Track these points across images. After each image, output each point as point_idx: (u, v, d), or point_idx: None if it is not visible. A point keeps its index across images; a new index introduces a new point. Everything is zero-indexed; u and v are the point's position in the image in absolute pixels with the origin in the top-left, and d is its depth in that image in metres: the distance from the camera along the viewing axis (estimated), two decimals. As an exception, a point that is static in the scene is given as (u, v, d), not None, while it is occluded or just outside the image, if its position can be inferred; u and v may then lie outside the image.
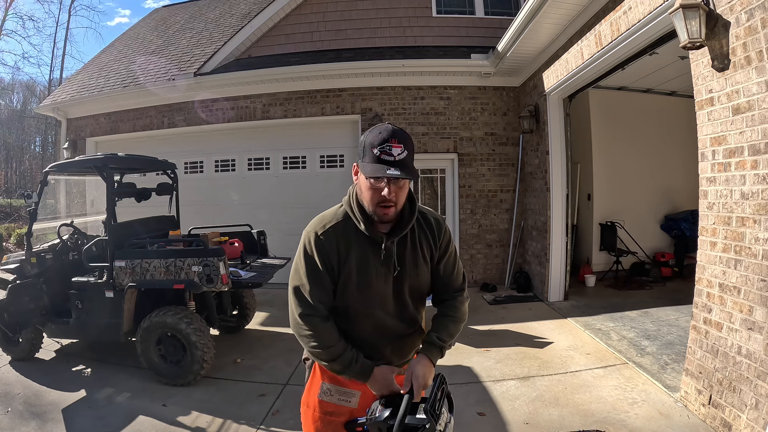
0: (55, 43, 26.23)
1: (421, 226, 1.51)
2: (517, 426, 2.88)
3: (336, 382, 1.52)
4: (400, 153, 1.33)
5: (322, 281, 1.43)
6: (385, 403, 1.39)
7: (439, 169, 6.90)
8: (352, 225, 1.44)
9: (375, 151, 1.33)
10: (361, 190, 1.42)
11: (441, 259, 1.55)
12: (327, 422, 1.51)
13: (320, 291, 1.43)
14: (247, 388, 3.52)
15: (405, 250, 1.48)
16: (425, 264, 1.52)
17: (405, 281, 1.49)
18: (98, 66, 9.15)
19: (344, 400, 1.51)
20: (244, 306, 4.78)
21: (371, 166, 1.33)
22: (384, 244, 1.43)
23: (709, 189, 2.80)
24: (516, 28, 5.06)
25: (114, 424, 3.00)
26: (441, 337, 1.50)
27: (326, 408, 1.52)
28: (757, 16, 2.31)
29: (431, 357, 1.47)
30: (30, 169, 25.50)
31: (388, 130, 1.35)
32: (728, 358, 2.61)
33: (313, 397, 1.55)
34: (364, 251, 1.44)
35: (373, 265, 1.45)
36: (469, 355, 4.03)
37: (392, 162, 1.32)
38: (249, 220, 5.10)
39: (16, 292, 3.90)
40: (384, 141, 1.33)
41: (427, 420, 1.30)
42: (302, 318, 1.43)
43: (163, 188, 4.59)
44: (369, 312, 1.48)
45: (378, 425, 1.35)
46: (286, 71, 6.64)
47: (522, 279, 6.32)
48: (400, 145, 1.33)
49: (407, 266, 1.48)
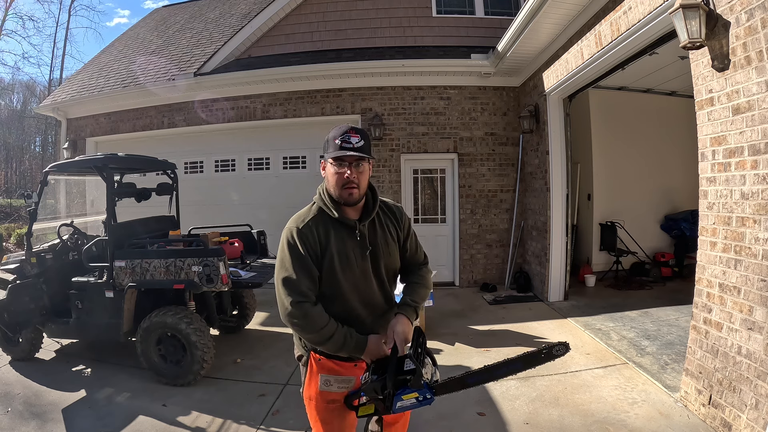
0: (55, 43, 26.28)
1: (385, 213, 1.75)
2: (517, 426, 2.88)
3: (333, 372, 1.64)
4: (357, 141, 1.56)
5: (308, 269, 1.58)
6: (374, 369, 1.54)
7: (439, 169, 6.90)
8: (327, 216, 1.63)
9: (337, 141, 1.55)
10: (328, 180, 1.62)
11: (406, 240, 1.79)
12: (331, 410, 1.66)
13: (307, 279, 1.57)
14: (247, 388, 3.52)
15: (375, 232, 1.70)
16: (394, 243, 1.75)
17: (380, 259, 1.70)
18: (98, 66, 9.15)
19: (343, 387, 1.64)
20: (244, 306, 4.78)
21: (335, 154, 1.55)
22: (357, 227, 1.63)
23: (709, 189, 2.80)
24: (516, 28, 5.06)
25: (114, 424, 3.00)
26: (414, 299, 1.73)
27: (328, 397, 1.65)
28: (757, 16, 2.31)
29: (408, 315, 1.66)
30: (30, 169, 25.51)
31: (347, 126, 1.60)
32: (728, 358, 2.61)
33: (314, 389, 1.67)
34: (341, 236, 1.62)
35: (351, 247, 1.63)
36: (469, 355, 4.03)
37: (351, 148, 1.54)
38: (249, 220, 5.11)
39: (16, 292, 3.90)
40: (344, 132, 1.56)
41: (414, 368, 1.48)
42: (293, 306, 1.53)
43: (163, 188, 4.59)
44: (354, 288, 1.65)
45: (373, 387, 1.50)
46: (286, 71, 6.64)
47: (522, 279, 6.32)
48: (357, 135, 1.56)
49: (380, 245, 1.69)
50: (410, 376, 1.48)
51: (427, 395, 1.52)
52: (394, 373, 1.49)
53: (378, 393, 1.50)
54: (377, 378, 1.51)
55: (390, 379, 1.48)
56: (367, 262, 1.66)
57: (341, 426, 1.68)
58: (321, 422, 1.68)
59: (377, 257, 1.69)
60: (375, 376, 1.52)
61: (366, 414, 1.58)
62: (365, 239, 1.66)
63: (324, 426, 1.68)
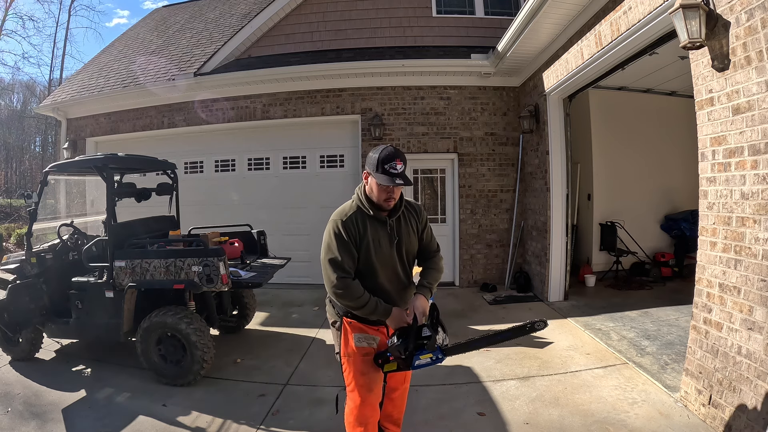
0: (55, 43, 26.35)
1: (408, 210, 2.24)
2: (517, 426, 2.88)
3: (362, 331, 2.15)
4: (401, 168, 2.01)
5: (350, 251, 2.05)
6: (398, 335, 2.03)
7: (439, 169, 6.90)
8: (363, 212, 2.10)
9: (386, 166, 1.99)
10: (371, 189, 2.08)
11: (423, 231, 2.28)
12: (367, 361, 2.14)
13: (349, 259, 2.05)
14: (247, 388, 3.52)
15: (401, 226, 2.19)
16: (414, 235, 2.25)
17: (403, 246, 2.19)
18: (98, 66, 9.15)
19: (371, 343, 2.15)
20: (244, 306, 4.77)
21: (384, 176, 1.98)
22: (387, 222, 2.13)
23: (709, 189, 2.80)
24: (516, 28, 5.06)
25: (114, 424, 3.00)
26: (429, 282, 2.24)
27: (363, 351, 2.15)
28: (757, 16, 2.31)
29: (425, 294, 2.17)
30: (30, 169, 25.50)
31: (392, 152, 2.01)
32: (728, 358, 2.61)
33: (351, 347, 2.16)
34: (375, 228, 2.11)
35: (382, 236, 2.13)
36: (469, 355, 4.00)
37: (396, 174, 1.99)
38: (249, 220, 5.10)
39: (16, 292, 3.90)
40: (391, 159, 1.99)
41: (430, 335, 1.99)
42: (338, 280, 2.02)
43: (163, 188, 4.59)
44: (384, 266, 2.15)
45: (398, 348, 2.00)
46: (286, 71, 6.64)
47: (522, 279, 6.32)
48: (401, 162, 2.01)
49: (403, 236, 2.19)
50: (426, 341, 1.96)
51: (439, 356, 2.03)
52: (413, 337, 1.95)
53: (401, 353, 1.97)
54: (401, 342, 1.98)
55: (411, 342, 1.94)
56: (394, 248, 2.15)
57: (375, 377, 2.15)
58: (360, 373, 2.14)
59: (401, 245, 2.17)
60: (399, 341, 1.99)
61: (390, 370, 2.07)
62: (393, 231, 2.14)
63: (362, 377, 2.13)
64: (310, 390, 3.46)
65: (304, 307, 5.69)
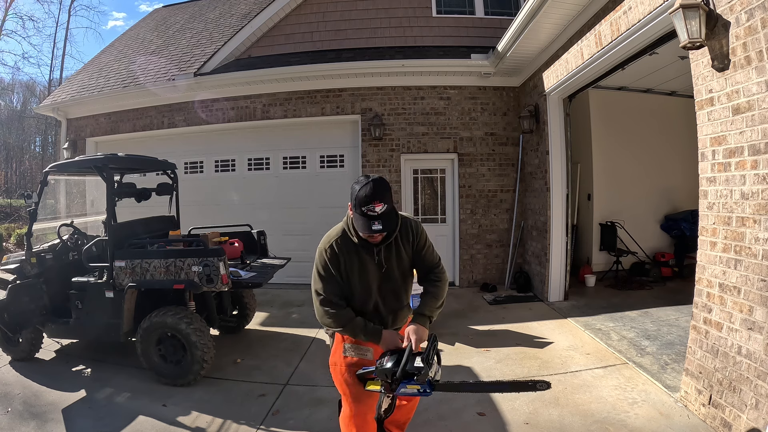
0: (55, 43, 26.38)
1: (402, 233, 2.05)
2: (517, 426, 2.88)
3: (354, 343, 2.07)
4: (381, 209, 1.81)
5: (334, 281, 2.01)
6: (390, 356, 1.87)
7: (439, 169, 6.90)
8: (349, 240, 1.99)
9: (363, 209, 1.82)
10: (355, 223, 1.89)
11: (421, 250, 2.12)
12: (352, 372, 2.06)
13: (333, 287, 2.00)
14: (247, 388, 3.52)
15: (391, 252, 2.05)
16: (408, 257, 2.10)
17: (393, 271, 2.08)
18: (98, 66, 9.15)
19: (362, 354, 2.06)
20: (244, 306, 4.78)
21: (361, 219, 1.83)
22: (375, 251, 2.00)
23: (709, 189, 2.80)
24: (516, 28, 5.06)
25: (114, 424, 3.00)
26: (429, 312, 2.05)
27: (349, 361, 2.07)
28: (757, 16, 2.31)
29: (423, 324, 1.99)
30: (30, 169, 25.49)
31: (370, 193, 1.80)
32: (728, 358, 2.60)
33: (338, 355, 2.10)
34: (361, 257, 2.01)
35: (369, 262, 2.02)
36: (469, 355, 4.03)
37: (375, 216, 1.82)
38: (249, 220, 5.10)
39: (16, 292, 3.90)
40: (368, 201, 1.80)
41: (423, 367, 1.77)
42: (323, 310, 1.99)
43: (163, 188, 4.59)
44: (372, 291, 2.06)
45: (385, 372, 1.82)
46: (286, 71, 6.64)
47: (522, 279, 6.32)
48: (381, 203, 1.81)
49: (393, 261, 2.06)
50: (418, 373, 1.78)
51: (427, 389, 1.82)
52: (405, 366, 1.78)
53: (388, 377, 1.81)
54: (391, 366, 1.82)
55: (401, 371, 1.78)
56: (382, 273, 2.05)
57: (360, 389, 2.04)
58: (346, 384, 2.07)
59: (391, 270, 2.06)
60: (390, 364, 1.83)
61: (372, 388, 1.95)
62: (381, 260, 2.03)
63: (348, 387, 2.07)
64: (310, 390, 3.46)
65: (304, 307, 5.69)
